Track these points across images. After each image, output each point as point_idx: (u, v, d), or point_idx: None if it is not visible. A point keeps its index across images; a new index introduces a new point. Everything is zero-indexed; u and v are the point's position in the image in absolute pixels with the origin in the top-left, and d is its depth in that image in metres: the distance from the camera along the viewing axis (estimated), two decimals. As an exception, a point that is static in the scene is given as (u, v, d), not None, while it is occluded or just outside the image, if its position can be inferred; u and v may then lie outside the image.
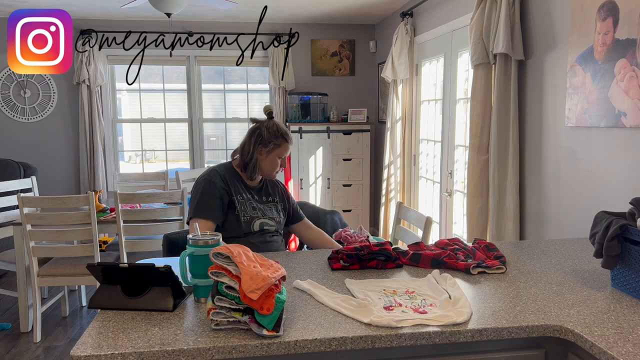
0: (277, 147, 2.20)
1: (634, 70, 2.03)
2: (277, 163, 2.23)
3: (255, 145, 2.18)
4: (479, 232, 3.08)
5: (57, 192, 5.59)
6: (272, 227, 2.23)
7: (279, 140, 2.20)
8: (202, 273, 1.42)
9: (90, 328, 1.29)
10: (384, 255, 1.75)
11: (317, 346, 1.22)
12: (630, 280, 1.48)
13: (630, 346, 1.17)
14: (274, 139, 2.19)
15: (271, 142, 2.19)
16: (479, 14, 2.97)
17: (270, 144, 2.19)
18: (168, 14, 3.64)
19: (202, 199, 2.14)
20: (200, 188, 2.17)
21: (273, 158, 2.21)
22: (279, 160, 2.23)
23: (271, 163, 2.22)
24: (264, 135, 2.18)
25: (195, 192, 2.17)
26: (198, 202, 2.14)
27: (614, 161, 2.20)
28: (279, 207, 2.30)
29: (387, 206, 5.06)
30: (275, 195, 2.31)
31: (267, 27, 5.72)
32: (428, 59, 4.39)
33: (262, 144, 2.18)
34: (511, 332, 1.28)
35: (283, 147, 2.21)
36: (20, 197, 3.14)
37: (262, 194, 2.27)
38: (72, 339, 3.41)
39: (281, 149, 2.21)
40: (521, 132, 2.89)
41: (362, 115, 5.56)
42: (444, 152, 4.07)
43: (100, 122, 5.49)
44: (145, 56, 5.60)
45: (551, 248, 2.00)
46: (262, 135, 2.19)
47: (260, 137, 2.19)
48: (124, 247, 3.33)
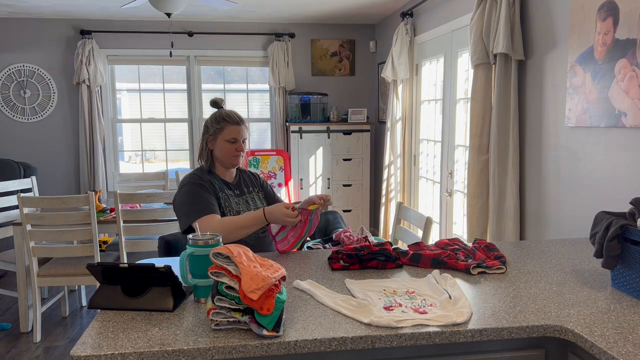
0: (220, 131, 2.21)
1: (634, 70, 2.03)
2: (229, 147, 2.22)
3: (203, 137, 2.26)
4: (479, 232, 3.08)
5: (57, 192, 5.59)
6: None
7: (221, 124, 2.22)
8: (202, 273, 1.43)
9: (90, 328, 1.29)
10: (384, 255, 1.76)
11: (317, 346, 1.22)
12: (630, 280, 1.48)
13: (630, 346, 1.17)
14: (215, 124, 2.23)
15: (212, 127, 2.23)
16: (479, 14, 2.97)
17: (212, 129, 2.23)
18: (168, 14, 3.64)
19: (197, 198, 2.13)
20: (191, 191, 2.15)
21: (221, 143, 2.22)
22: (229, 145, 2.22)
23: (222, 148, 2.22)
24: (207, 125, 2.26)
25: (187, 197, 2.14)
26: (199, 202, 2.12)
27: (614, 161, 2.20)
28: (260, 197, 2.36)
29: (387, 206, 5.06)
30: (253, 187, 2.37)
31: (267, 27, 5.73)
32: (428, 59, 4.39)
33: (207, 133, 2.25)
34: (511, 332, 1.28)
35: (227, 129, 2.21)
36: (20, 197, 3.14)
37: (240, 187, 2.32)
38: (72, 339, 3.41)
39: (225, 131, 2.21)
40: (521, 132, 2.89)
41: (362, 115, 5.56)
42: (444, 152, 4.07)
43: (100, 122, 5.49)
44: (145, 56, 5.63)
45: (551, 248, 2.00)
46: (206, 125, 2.26)
47: (205, 127, 2.26)
48: (124, 247, 3.33)
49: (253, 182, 2.39)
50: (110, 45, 5.54)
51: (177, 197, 2.20)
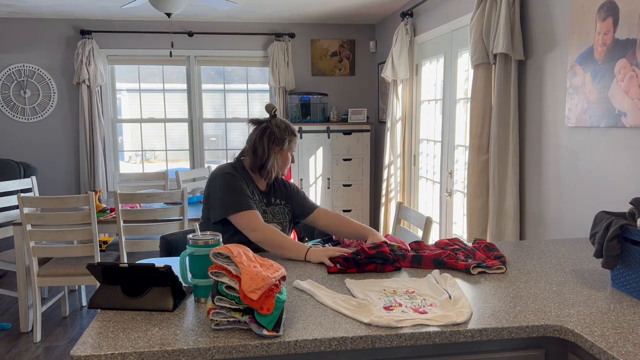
0: (290, 143, 2.21)
1: (634, 70, 2.03)
2: (289, 159, 2.24)
3: (270, 145, 2.15)
4: (479, 232, 3.08)
5: (57, 192, 5.59)
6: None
7: (291, 137, 2.21)
8: (202, 273, 1.43)
9: (90, 328, 1.29)
10: (381, 258, 1.74)
11: (317, 346, 1.22)
12: (630, 280, 1.48)
13: (630, 346, 1.17)
14: (287, 136, 2.18)
15: (284, 139, 2.17)
16: (479, 14, 2.97)
17: (285, 141, 2.17)
18: (168, 14, 3.64)
19: (243, 191, 2.04)
20: (231, 182, 2.06)
21: (286, 155, 2.21)
22: (290, 157, 2.24)
23: (285, 160, 2.22)
24: (276, 134, 2.16)
25: (229, 187, 2.04)
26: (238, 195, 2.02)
27: (614, 161, 2.20)
28: (285, 210, 2.27)
29: (387, 206, 5.06)
30: (281, 198, 2.28)
31: (267, 27, 5.73)
32: (428, 59, 4.39)
33: (275, 143, 2.16)
34: (511, 332, 1.28)
35: (294, 142, 2.23)
36: (20, 197, 3.14)
37: (270, 197, 2.24)
38: (72, 339, 3.41)
39: (292, 144, 2.23)
40: (521, 132, 2.89)
41: (362, 115, 5.56)
42: (444, 152, 4.07)
43: (100, 122, 5.49)
44: (145, 56, 5.63)
45: (551, 248, 2.00)
46: (275, 134, 2.15)
47: (273, 135, 2.15)
48: (124, 247, 3.33)
49: (283, 193, 2.30)
50: (110, 45, 5.54)
51: (215, 184, 2.07)
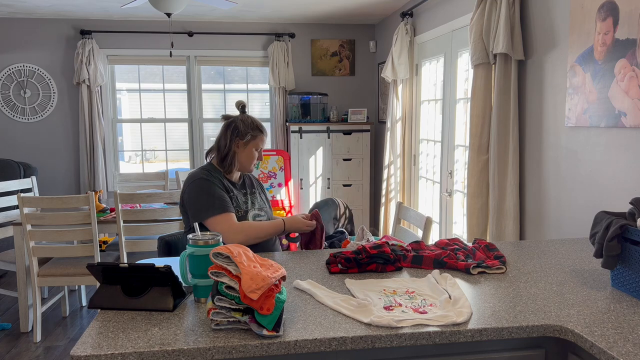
0: (253, 139, 2.23)
1: (634, 70, 2.03)
2: (254, 155, 2.26)
3: (232, 138, 2.21)
4: (479, 232, 3.08)
5: (57, 192, 5.59)
6: (263, 217, 2.28)
7: (255, 132, 2.23)
8: (202, 273, 1.43)
9: (90, 328, 1.29)
10: (382, 258, 1.74)
11: (317, 346, 1.22)
12: (630, 280, 1.48)
13: (630, 346, 1.17)
14: (251, 131, 2.22)
15: (247, 133, 2.21)
16: (479, 14, 2.97)
17: (247, 135, 2.21)
18: (168, 14, 3.64)
19: (215, 194, 2.10)
20: (204, 187, 2.12)
21: (250, 150, 2.24)
22: (255, 153, 2.26)
23: (248, 155, 2.24)
24: (240, 127, 2.21)
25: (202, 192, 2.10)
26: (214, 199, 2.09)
27: (614, 161, 2.20)
28: (263, 197, 2.38)
29: (387, 206, 5.06)
30: (255, 187, 2.38)
31: (267, 27, 5.73)
32: (428, 59, 4.39)
33: (238, 137, 2.21)
34: (511, 332, 1.28)
35: (259, 138, 2.25)
36: (20, 197, 3.14)
37: (244, 187, 2.32)
38: (72, 339, 3.41)
39: (257, 140, 2.24)
40: (521, 132, 2.89)
41: (362, 115, 5.56)
42: (444, 152, 4.07)
43: (100, 122, 5.49)
44: (145, 56, 5.63)
45: (551, 248, 2.00)
46: (238, 127, 2.21)
47: (237, 129, 2.21)
48: (124, 247, 3.33)
49: (253, 183, 2.41)
50: (110, 45, 5.54)
51: (189, 191, 2.13)
